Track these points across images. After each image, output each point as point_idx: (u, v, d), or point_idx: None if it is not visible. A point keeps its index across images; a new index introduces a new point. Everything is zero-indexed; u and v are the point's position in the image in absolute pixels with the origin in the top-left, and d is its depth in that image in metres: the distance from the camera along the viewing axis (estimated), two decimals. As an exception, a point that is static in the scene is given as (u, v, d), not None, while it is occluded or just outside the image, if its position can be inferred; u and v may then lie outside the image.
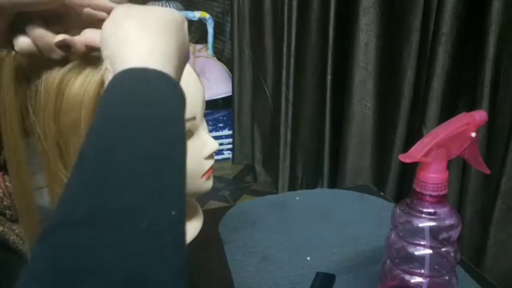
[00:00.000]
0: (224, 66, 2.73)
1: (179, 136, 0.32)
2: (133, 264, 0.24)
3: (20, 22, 0.41)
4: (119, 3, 0.42)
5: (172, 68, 0.35)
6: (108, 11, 0.40)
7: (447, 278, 0.57)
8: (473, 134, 0.54)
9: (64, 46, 0.40)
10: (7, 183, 0.53)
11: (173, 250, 0.27)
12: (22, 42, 0.41)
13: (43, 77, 0.43)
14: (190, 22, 2.64)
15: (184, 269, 0.27)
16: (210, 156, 0.59)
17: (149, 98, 0.32)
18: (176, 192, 0.29)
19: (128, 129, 0.30)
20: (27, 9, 0.40)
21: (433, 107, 1.34)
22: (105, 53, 0.37)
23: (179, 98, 0.34)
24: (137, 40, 0.35)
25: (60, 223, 0.26)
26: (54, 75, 0.43)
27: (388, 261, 0.58)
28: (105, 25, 0.38)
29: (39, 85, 0.43)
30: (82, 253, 0.24)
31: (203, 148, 0.58)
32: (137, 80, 0.33)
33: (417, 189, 0.54)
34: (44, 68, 0.43)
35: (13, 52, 0.43)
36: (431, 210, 0.54)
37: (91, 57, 0.42)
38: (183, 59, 0.40)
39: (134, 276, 0.24)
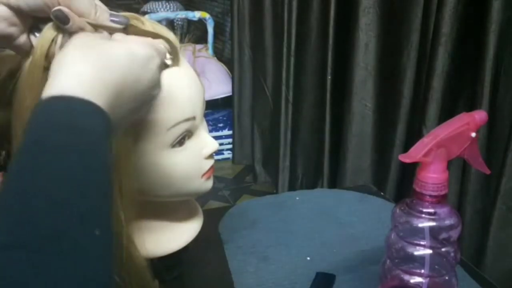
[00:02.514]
0: (224, 66, 2.73)
1: (103, 161, 0.34)
2: (52, 283, 0.26)
3: (41, 24, 0.43)
4: (115, 22, 0.43)
5: (101, 101, 0.35)
6: (105, 30, 0.42)
7: (447, 278, 0.57)
8: (473, 134, 0.54)
9: (61, 17, 0.41)
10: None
11: (95, 268, 0.29)
12: None
13: None
14: (190, 22, 2.64)
15: (106, 284, 0.29)
16: (210, 156, 0.59)
17: (71, 125, 0.33)
18: (100, 212, 0.31)
19: (50, 155, 0.31)
20: (42, 14, 0.42)
21: (433, 107, 1.34)
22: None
23: (104, 125, 0.35)
24: (67, 70, 0.36)
25: None
26: None
27: (388, 261, 0.58)
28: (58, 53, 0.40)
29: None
30: (8, 275, 0.26)
31: (203, 148, 0.58)
32: (61, 108, 0.34)
33: (417, 189, 0.54)
34: None
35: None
36: (431, 210, 0.54)
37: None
38: (130, 95, 0.40)
39: None
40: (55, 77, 0.36)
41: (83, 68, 0.36)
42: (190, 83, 0.55)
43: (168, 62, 0.49)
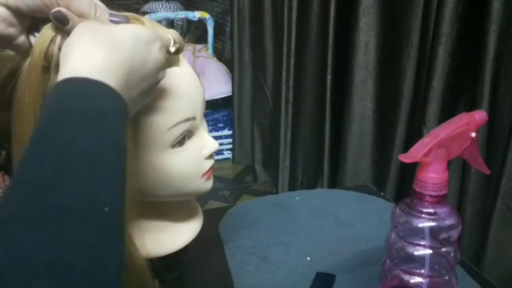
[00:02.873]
0: (224, 66, 2.73)
1: (117, 141, 0.34)
2: (59, 254, 0.26)
3: (40, 24, 0.43)
4: (115, 22, 0.43)
5: (114, 83, 0.36)
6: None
7: (447, 278, 0.57)
8: (473, 134, 0.54)
9: (60, 18, 0.41)
10: (7, 183, 0.53)
11: (103, 243, 0.29)
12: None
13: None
14: (190, 22, 2.64)
15: (114, 259, 0.30)
16: (210, 156, 0.59)
17: (86, 105, 0.34)
18: (111, 190, 0.32)
19: (64, 133, 0.32)
20: (41, 15, 0.42)
21: (433, 107, 1.34)
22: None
23: (118, 106, 0.36)
24: (77, 53, 0.37)
25: None
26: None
27: (388, 261, 0.58)
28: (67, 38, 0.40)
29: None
30: (11, 245, 0.26)
31: (203, 148, 0.58)
32: (75, 89, 0.35)
33: (417, 189, 0.54)
34: None
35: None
36: (431, 210, 0.54)
37: None
38: (138, 77, 0.40)
39: (59, 264, 0.26)
40: (67, 61, 0.36)
41: (94, 51, 0.37)
42: (190, 83, 0.55)
43: (172, 49, 0.48)
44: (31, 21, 0.44)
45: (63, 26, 0.41)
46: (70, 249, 0.27)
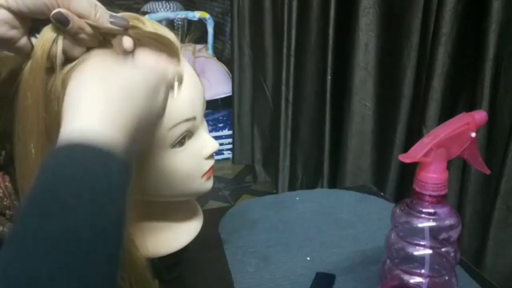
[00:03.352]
0: (224, 66, 2.73)
1: (115, 217, 0.33)
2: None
3: (41, 25, 0.43)
4: (115, 23, 0.43)
5: (122, 135, 0.35)
6: (105, 31, 0.42)
7: (447, 278, 0.57)
8: (473, 134, 0.54)
9: (61, 19, 0.41)
10: (7, 183, 0.53)
11: None
12: None
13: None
14: (190, 22, 2.63)
15: None
16: (210, 156, 0.59)
17: (85, 181, 0.33)
18: (104, 279, 0.31)
19: (59, 215, 0.31)
20: (43, 16, 0.42)
21: (433, 107, 1.34)
22: (64, 107, 0.38)
23: (121, 172, 0.35)
24: (89, 104, 0.36)
25: None
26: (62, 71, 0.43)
27: (388, 261, 0.58)
28: (72, 81, 0.40)
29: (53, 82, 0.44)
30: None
31: (203, 148, 0.58)
32: (77, 158, 0.33)
33: (417, 189, 0.54)
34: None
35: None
36: (431, 210, 0.54)
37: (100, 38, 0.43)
38: (145, 123, 0.40)
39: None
40: (75, 109, 0.36)
41: (104, 104, 0.36)
42: (190, 83, 0.55)
43: (175, 90, 0.49)
44: (32, 22, 0.43)
45: (64, 27, 0.41)
46: None
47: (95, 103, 0.36)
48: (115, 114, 0.36)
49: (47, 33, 0.42)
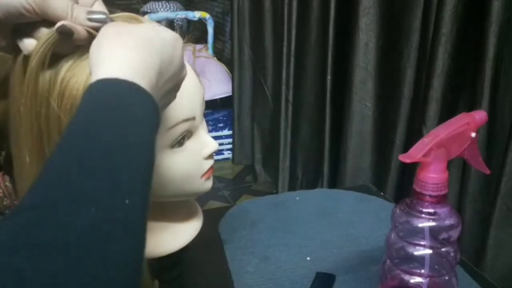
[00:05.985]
0: (224, 66, 2.73)
1: (145, 138, 0.35)
2: (73, 239, 0.28)
3: (24, 27, 0.42)
4: (93, 20, 0.42)
5: (146, 83, 0.37)
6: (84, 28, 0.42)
7: (447, 278, 0.57)
8: (473, 134, 0.54)
9: (65, 32, 0.41)
10: (7, 183, 0.53)
11: (120, 231, 0.30)
12: (29, 44, 0.43)
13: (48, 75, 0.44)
14: (190, 22, 2.63)
15: (131, 249, 0.30)
16: (210, 156, 0.59)
17: (120, 105, 0.35)
18: (135, 183, 0.32)
19: (88, 128, 0.33)
20: (22, 20, 0.41)
21: (433, 107, 1.34)
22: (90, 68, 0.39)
23: (150, 106, 0.37)
24: (110, 56, 0.37)
25: (19, 208, 0.30)
26: (58, 71, 0.43)
27: (388, 261, 0.58)
28: (93, 42, 0.41)
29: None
30: (38, 232, 0.27)
31: (203, 148, 0.58)
32: (111, 89, 0.35)
33: (417, 189, 0.54)
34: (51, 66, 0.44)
35: (21, 55, 0.44)
36: (431, 210, 0.54)
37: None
38: (166, 77, 0.41)
39: (73, 248, 0.27)
40: (99, 64, 0.37)
41: (125, 53, 0.37)
42: (189, 83, 0.55)
43: None
44: (14, 25, 0.43)
45: (69, 38, 0.41)
46: (87, 238, 0.28)
47: (116, 54, 0.37)
48: (136, 63, 0.37)
49: (42, 40, 0.42)
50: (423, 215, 0.54)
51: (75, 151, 0.32)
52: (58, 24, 0.41)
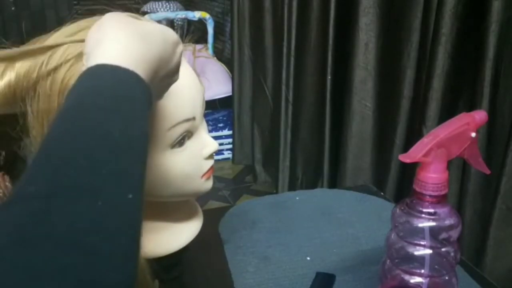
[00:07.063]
0: (224, 66, 2.73)
1: (142, 129, 0.35)
2: (83, 234, 0.27)
3: None
4: None
5: (143, 76, 0.36)
6: None
7: (447, 278, 0.57)
8: (473, 134, 0.54)
9: None
10: (7, 183, 0.53)
11: (124, 226, 0.29)
12: None
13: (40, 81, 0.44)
14: (190, 22, 2.62)
15: (133, 245, 0.30)
16: (210, 156, 0.59)
17: (116, 91, 0.34)
18: (136, 178, 0.32)
19: (93, 116, 0.32)
20: None
21: (433, 107, 1.34)
22: (85, 50, 0.39)
23: (145, 95, 0.36)
24: (111, 41, 0.37)
25: (21, 195, 0.28)
26: (55, 76, 0.43)
27: (388, 261, 0.58)
28: (93, 26, 0.40)
29: (39, 89, 0.44)
30: (37, 222, 0.26)
31: (202, 148, 0.58)
32: (106, 75, 0.35)
33: (417, 189, 0.54)
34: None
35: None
36: (431, 210, 0.54)
37: None
38: (160, 74, 0.41)
39: (82, 243, 0.26)
40: (99, 47, 0.36)
41: (128, 41, 0.37)
42: (190, 83, 0.55)
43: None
44: None
45: None
46: (93, 231, 0.28)
47: (113, 42, 0.37)
48: (133, 52, 0.37)
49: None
50: (423, 215, 0.54)
51: (81, 139, 0.31)
52: None
